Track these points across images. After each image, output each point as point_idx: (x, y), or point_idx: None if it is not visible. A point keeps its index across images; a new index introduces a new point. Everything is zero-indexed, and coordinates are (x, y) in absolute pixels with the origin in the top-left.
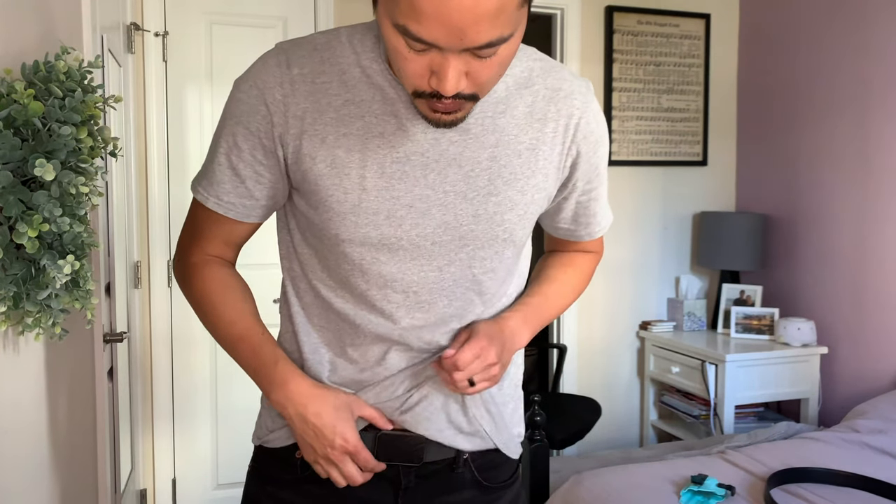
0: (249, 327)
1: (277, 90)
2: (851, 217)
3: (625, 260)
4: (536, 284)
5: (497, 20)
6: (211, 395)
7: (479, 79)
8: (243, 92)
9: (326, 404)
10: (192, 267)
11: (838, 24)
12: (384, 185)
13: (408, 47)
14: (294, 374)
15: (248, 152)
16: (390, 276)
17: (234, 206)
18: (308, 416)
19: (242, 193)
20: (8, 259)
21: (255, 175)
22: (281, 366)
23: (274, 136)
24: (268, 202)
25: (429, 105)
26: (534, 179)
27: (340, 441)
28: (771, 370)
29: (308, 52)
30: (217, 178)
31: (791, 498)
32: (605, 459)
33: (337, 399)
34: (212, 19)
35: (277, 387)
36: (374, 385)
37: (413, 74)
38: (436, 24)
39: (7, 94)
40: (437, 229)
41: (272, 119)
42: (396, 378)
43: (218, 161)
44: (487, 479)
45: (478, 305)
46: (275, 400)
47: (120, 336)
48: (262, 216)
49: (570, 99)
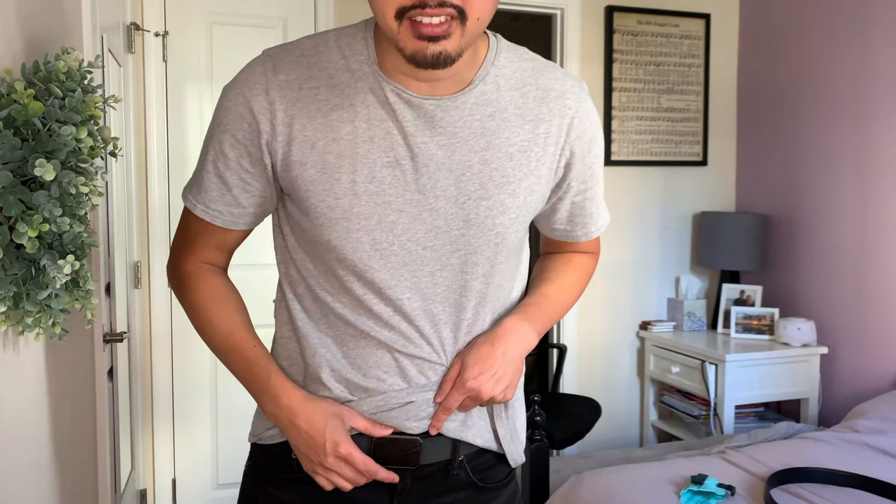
0: (243, 339)
1: (264, 97)
2: (851, 217)
3: (625, 260)
4: (535, 286)
5: None
6: (211, 395)
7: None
8: (230, 100)
9: (317, 412)
10: (186, 276)
11: (838, 23)
12: (375, 190)
13: None
14: (286, 387)
15: (235, 160)
16: (383, 283)
17: (221, 215)
18: (300, 424)
19: (229, 202)
20: (8, 259)
21: (242, 183)
22: (273, 379)
23: (261, 144)
24: (255, 210)
25: (413, 29)
26: (526, 182)
27: (331, 446)
28: (771, 370)
29: (295, 57)
30: (205, 186)
31: (791, 498)
32: (605, 459)
33: (328, 408)
34: (212, 19)
35: (270, 399)
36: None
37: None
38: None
39: (7, 94)
40: (428, 234)
41: (259, 127)
42: (398, 385)
43: (206, 169)
44: (483, 480)
45: (472, 311)
46: (268, 411)
47: (120, 336)
48: (250, 223)
49: (563, 99)
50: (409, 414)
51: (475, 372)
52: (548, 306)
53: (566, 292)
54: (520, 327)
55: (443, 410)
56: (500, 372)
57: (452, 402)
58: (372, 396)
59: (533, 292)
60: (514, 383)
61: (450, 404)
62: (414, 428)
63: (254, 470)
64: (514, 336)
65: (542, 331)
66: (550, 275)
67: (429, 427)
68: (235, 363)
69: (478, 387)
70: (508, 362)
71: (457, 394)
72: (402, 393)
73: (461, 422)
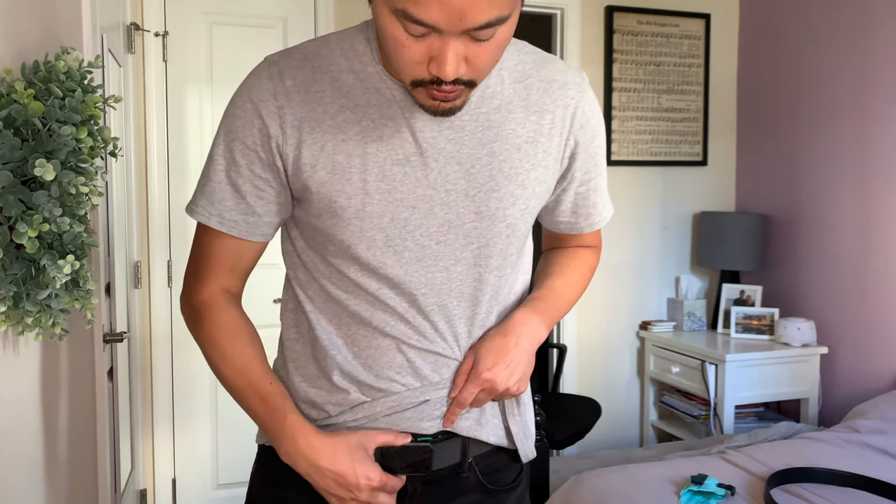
0: (258, 377)
1: (272, 102)
2: (851, 217)
3: (625, 260)
4: (542, 280)
5: (496, 0)
6: (211, 395)
7: (477, 63)
8: (238, 107)
9: (339, 450)
10: (200, 307)
11: (839, 23)
12: (386, 188)
13: (406, 33)
14: (303, 428)
15: (247, 167)
16: (398, 279)
17: (237, 224)
18: (324, 466)
19: (244, 210)
20: (8, 259)
21: (256, 190)
22: (290, 419)
23: (271, 148)
24: (271, 218)
25: (427, 93)
26: (534, 172)
27: (365, 482)
28: (771, 370)
29: (299, 62)
30: (217, 197)
31: (791, 498)
32: (605, 459)
33: (348, 441)
34: (212, 19)
35: (288, 441)
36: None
37: (411, 62)
38: (435, 4)
39: (7, 94)
40: (441, 228)
41: (269, 131)
42: (411, 384)
43: (217, 179)
44: (492, 483)
45: (486, 305)
46: (284, 452)
47: (120, 336)
48: (265, 234)
49: (566, 90)
50: (423, 414)
51: (489, 363)
52: (555, 300)
53: (572, 286)
54: (530, 320)
55: (457, 405)
56: (513, 364)
57: (467, 396)
58: (386, 397)
59: (540, 286)
60: (526, 376)
61: (464, 398)
62: (429, 428)
63: (261, 472)
64: (525, 328)
65: (551, 324)
66: (556, 269)
67: (443, 420)
68: (250, 400)
69: (492, 377)
70: (521, 354)
71: (471, 386)
72: (416, 392)
73: (475, 420)
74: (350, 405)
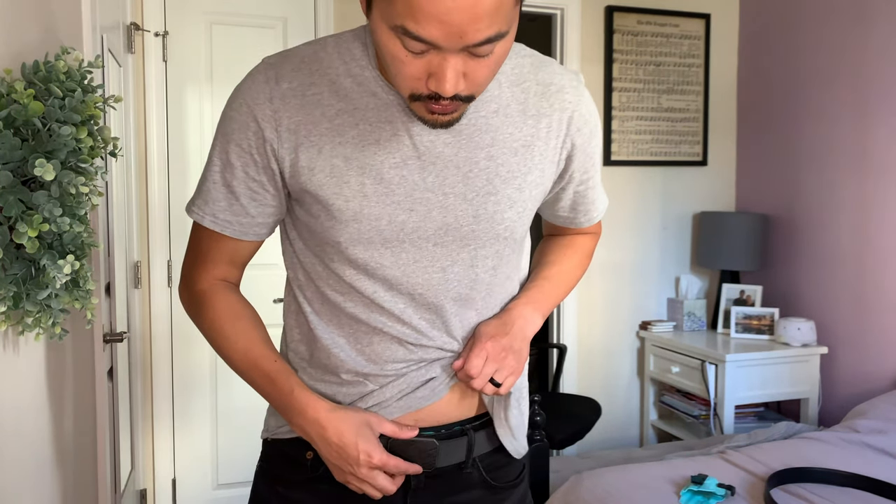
0: (263, 355)
1: (267, 105)
2: (851, 217)
3: (625, 260)
4: (539, 269)
5: (495, 17)
6: (211, 394)
7: (476, 79)
8: (234, 110)
9: (346, 423)
10: (199, 295)
11: (838, 23)
12: (384, 191)
13: (405, 50)
14: (311, 400)
15: (241, 169)
16: (395, 280)
17: (230, 224)
18: (330, 437)
19: (238, 211)
20: (8, 259)
21: (250, 192)
22: (297, 392)
23: (266, 152)
24: (265, 219)
25: (426, 107)
26: (531, 176)
27: (365, 458)
28: (771, 370)
29: (296, 65)
30: (212, 197)
31: (791, 498)
32: (605, 459)
33: (357, 417)
34: (212, 19)
35: (296, 413)
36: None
37: (410, 78)
38: (435, 22)
39: (7, 94)
40: (439, 231)
41: (263, 135)
42: (416, 374)
43: (213, 179)
44: (495, 479)
45: (482, 302)
46: (296, 424)
47: (120, 336)
48: (260, 234)
49: (562, 93)
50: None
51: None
52: (550, 289)
53: (568, 273)
54: (524, 310)
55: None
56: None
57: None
58: (395, 381)
59: (536, 275)
60: (523, 359)
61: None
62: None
63: (265, 470)
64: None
65: (546, 313)
66: (552, 258)
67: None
68: (257, 378)
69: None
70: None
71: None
72: (422, 370)
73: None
74: (360, 395)
